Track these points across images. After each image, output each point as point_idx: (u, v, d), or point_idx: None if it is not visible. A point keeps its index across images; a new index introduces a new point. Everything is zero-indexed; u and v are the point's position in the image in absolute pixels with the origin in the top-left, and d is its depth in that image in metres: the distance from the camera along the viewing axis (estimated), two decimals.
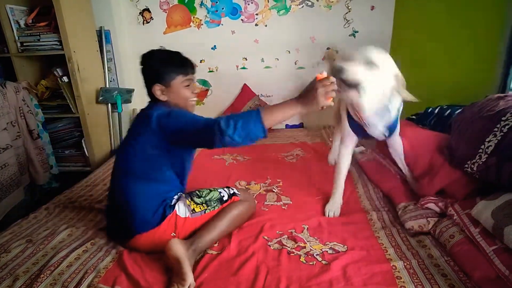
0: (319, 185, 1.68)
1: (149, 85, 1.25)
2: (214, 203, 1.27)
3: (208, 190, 1.31)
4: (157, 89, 1.22)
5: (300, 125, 2.90)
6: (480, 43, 1.62)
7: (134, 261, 1.13)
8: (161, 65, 1.22)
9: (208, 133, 1.04)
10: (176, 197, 1.24)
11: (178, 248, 1.03)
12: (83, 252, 1.19)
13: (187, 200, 1.24)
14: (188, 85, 1.24)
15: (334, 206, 1.40)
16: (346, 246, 1.17)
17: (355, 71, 1.11)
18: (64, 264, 1.12)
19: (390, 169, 1.64)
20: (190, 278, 0.98)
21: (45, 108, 2.29)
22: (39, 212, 1.49)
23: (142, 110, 1.31)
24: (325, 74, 1.03)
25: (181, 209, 1.20)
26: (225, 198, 1.30)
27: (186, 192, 1.30)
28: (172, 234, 1.17)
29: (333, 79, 1.01)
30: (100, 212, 1.49)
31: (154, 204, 1.17)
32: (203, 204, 1.25)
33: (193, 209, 1.22)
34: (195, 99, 1.29)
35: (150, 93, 1.27)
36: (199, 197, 1.27)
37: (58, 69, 2.27)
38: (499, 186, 1.02)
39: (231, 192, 1.33)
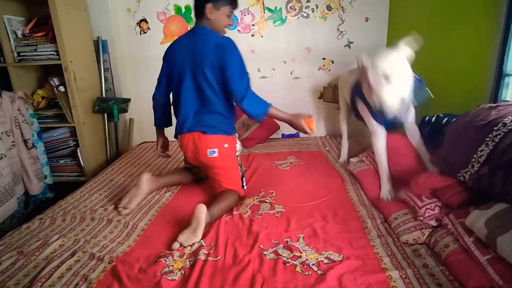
0: (312, 192, 1.69)
1: (202, 2, 1.48)
2: (241, 171, 1.67)
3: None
4: (209, 7, 1.47)
5: (297, 135, 2.91)
6: (473, 55, 1.65)
7: (127, 272, 1.11)
8: None
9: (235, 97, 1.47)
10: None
11: (202, 213, 1.32)
12: (74, 263, 1.17)
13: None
14: (229, 16, 1.53)
15: (387, 191, 1.52)
16: (341, 256, 1.16)
17: (391, 106, 1.30)
18: (56, 275, 1.10)
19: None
20: (199, 237, 1.28)
21: (41, 117, 2.29)
22: (32, 222, 1.47)
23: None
24: (312, 125, 1.53)
25: (238, 146, 1.65)
26: (244, 181, 1.67)
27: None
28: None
29: (312, 132, 1.54)
30: (94, 221, 1.48)
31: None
32: (240, 165, 1.68)
33: (239, 158, 1.67)
34: (228, 29, 1.59)
35: (199, 10, 1.51)
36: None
37: (54, 79, 2.28)
38: (492, 195, 1.03)
39: (245, 186, 1.69)
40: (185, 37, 1.59)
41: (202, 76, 1.50)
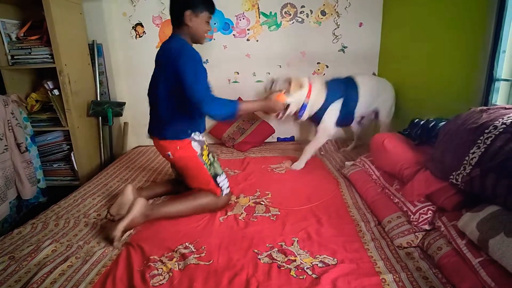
0: (307, 195, 1.69)
1: (181, 10, 1.48)
2: (213, 170, 1.60)
3: (220, 166, 1.65)
4: (188, 14, 1.48)
5: (292, 138, 2.92)
6: (464, 60, 1.67)
7: (121, 276, 1.10)
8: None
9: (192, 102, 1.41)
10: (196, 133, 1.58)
11: (138, 207, 1.40)
12: (67, 268, 1.16)
13: (204, 146, 1.60)
14: (208, 22, 1.55)
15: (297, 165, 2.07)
16: (336, 259, 1.17)
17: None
18: (48, 281, 1.09)
19: (374, 182, 1.66)
20: (118, 231, 1.31)
21: (34, 121, 2.27)
22: (24, 227, 1.46)
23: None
24: (283, 97, 1.77)
25: (195, 146, 1.56)
26: (218, 181, 1.59)
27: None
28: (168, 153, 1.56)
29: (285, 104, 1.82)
30: (87, 226, 1.46)
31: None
32: (209, 164, 1.60)
33: (202, 154, 1.57)
34: (208, 35, 1.63)
35: (178, 18, 1.51)
36: (213, 158, 1.65)
37: (48, 82, 2.26)
38: (484, 197, 1.04)
39: (224, 185, 1.61)
40: (162, 45, 1.57)
41: (157, 82, 1.52)
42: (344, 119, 2.08)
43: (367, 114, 2.28)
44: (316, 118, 2.02)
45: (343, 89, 2.06)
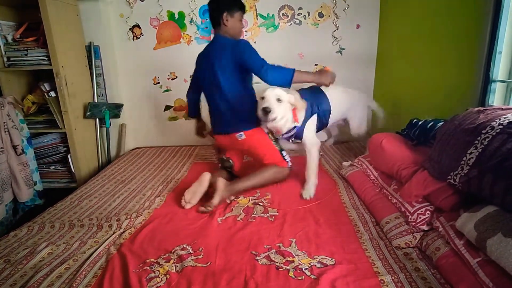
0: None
1: (219, 13, 1.74)
2: (278, 146, 1.89)
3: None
4: (225, 16, 1.74)
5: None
6: (461, 61, 1.68)
7: (117, 280, 1.09)
8: (232, 1, 1.78)
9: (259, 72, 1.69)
10: None
11: (221, 184, 1.62)
12: (65, 270, 1.15)
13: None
14: (241, 20, 1.82)
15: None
16: (334, 260, 1.16)
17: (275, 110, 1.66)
18: (45, 284, 1.08)
19: (372, 182, 1.67)
20: (214, 202, 1.57)
21: (31, 123, 2.26)
22: (20, 230, 1.44)
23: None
24: (329, 67, 1.81)
25: (264, 128, 1.86)
26: (284, 154, 1.88)
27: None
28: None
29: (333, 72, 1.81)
30: (83, 227, 1.45)
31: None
32: (274, 141, 1.89)
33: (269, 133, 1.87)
34: (243, 31, 1.91)
35: (217, 20, 1.77)
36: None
37: (45, 84, 2.26)
38: (481, 197, 1.04)
39: (288, 158, 1.88)
40: (207, 46, 1.88)
41: (219, 82, 1.76)
42: (319, 128, 1.98)
43: (339, 122, 2.22)
44: (298, 136, 1.87)
45: (317, 103, 1.91)
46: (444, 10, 1.81)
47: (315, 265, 1.14)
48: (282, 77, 1.68)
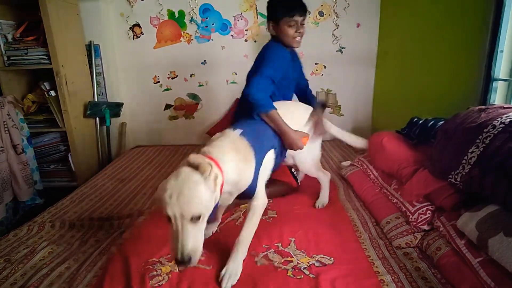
0: (304, 197, 1.68)
1: (268, 23, 1.59)
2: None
3: None
4: (270, 25, 1.58)
5: None
6: (462, 60, 1.68)
7: (119, 278, 1.09)
8: (273, 7, 1.57)
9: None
10: None
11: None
12: (65, 270, 1.15)
13: None
14: (292, 25, 1.52)
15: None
16: (333, 259, 1.16)
17: None
18: (46, 283, 1.08)
19: (372, 182, 1.66)
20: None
21: (31, 122, 2.26)
22: (20, 229, 1.44)
23: None
24: (306, 141, 1.48)
25: None
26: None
27: None
28: None
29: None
30: (84, 227, 1.45)
31: None
32: None
33: None
34: (298, 38, 1.57)
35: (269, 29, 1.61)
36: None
37: (45, 83, 2.25)
38: (483, 197, 1.04)
39: (299, 178, 1.76)
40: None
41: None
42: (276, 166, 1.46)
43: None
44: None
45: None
46: (445, 9, 1.80)
47: (314, 264, 1.13)
48: (260, 102, 1.41)
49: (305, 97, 1.82)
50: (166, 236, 1.34)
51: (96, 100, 2.57)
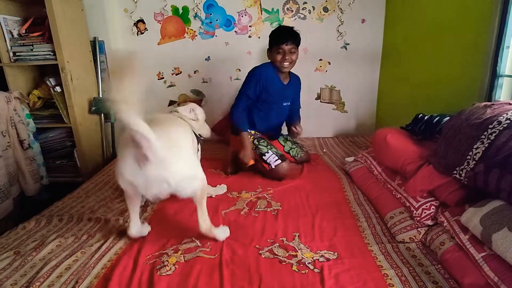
0: (309, 191, 1.70)
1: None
2: (258, 151, 1.96)
3: (265, 146, 1.97)
4: (267, 51, 1.95)
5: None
6: (468, 56, 1.67)
7: (127, 270, 1.11)
8: (270, 37, 1.93)
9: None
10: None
11: None
12: (73, 262, 1.17)
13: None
14: (279, 52, 1.87)
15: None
16: (336, 254, 1.17)
17: None
18: (54, 275, 1.09)
19: (376, 177, 1.67)
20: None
21: (37, 118, 2.28)
22: (28, 223, 1.47)
23: None
24: (251, 162, 1.91)
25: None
26: (265, 158, 1.91)
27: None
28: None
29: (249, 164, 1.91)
30: (91, 221, 1.47)
31: None
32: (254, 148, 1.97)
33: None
34: (285, 63, 1.89)
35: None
36: (258, 142, 1.98)
37: (50, 79, 2.27)
38: (487, 192, 1.04)
39: (271, 161, 1.90)
40: None
41: None
42: None
43: None
44: None
45: None
46: (451, 5, 1.79)
47: (318, 259, 1.15)
48: (235, 122, 1.92)
49: (291, 116, 2.18)
50: (171, 229, 1.36)
51: (101, 96, 2.58)
